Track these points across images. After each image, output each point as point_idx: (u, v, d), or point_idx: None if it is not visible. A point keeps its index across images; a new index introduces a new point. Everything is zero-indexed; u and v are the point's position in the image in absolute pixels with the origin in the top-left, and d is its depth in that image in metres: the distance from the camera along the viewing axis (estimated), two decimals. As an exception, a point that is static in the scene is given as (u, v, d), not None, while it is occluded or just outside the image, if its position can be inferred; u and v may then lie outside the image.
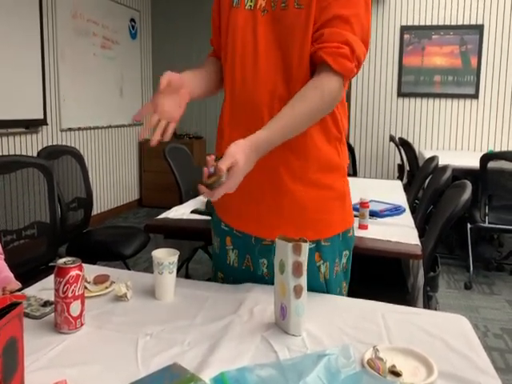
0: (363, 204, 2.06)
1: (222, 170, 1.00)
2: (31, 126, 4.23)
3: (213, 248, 1.46)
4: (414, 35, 5.48)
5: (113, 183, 5.65)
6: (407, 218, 2.29)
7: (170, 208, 2.42)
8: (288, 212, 1.26)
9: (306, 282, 1.05)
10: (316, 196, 1.26)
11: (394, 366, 0.90)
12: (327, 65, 1.13)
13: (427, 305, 1.90)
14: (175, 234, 2.20)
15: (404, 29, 5.50)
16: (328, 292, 1.31)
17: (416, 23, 5.47)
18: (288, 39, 1.18)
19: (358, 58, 1.15)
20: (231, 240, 1.35)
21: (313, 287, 1.23)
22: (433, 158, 3.27)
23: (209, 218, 1.57)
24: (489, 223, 3.58)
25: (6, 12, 3.86)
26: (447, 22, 5.38)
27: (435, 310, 2.01)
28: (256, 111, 1.21)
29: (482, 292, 3.47)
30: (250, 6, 1.22)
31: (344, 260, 1.34)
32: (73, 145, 4.76)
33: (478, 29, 5.29)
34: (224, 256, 1.38)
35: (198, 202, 2.53)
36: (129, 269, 2.88)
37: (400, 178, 4.89)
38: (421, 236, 2.05)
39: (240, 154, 1.03)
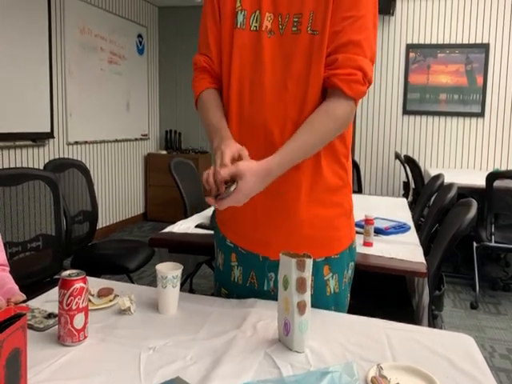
0: (368, 221, 2.06)
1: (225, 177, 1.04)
2: (38, 139, 4.27)
3: (215, 263, 1.45)
4: (419, 53, 5.51)
5: (118, 197, 5.67)
6: (412, 236, 2.28)
7: (174, 222, 2.42)
8: (298, 233, 1.26)
9: (310, 299, 1.05)
10: (326, 215, 1.27)
11: (398, 385, 0.89)
12: (341, 91, 1.15)
13: (432, 323, 1.88)
14: (180, 248, 2.20)
15: (410, 47, 5.54)
16: (337, 304, 1.32)
17: (422, 41, 5.51)
18: (300, 63, 1.17)
19: (370, 80, 1.18)
20: (236, 257, 1.35)
21: (320, 302, 1.24)
22: (438, 176, 3.26)
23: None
24: (495, 242, 3.56)
25: (16, 26, 3.92)
26: (453, 41, 5.42)
27: (440, 328, 2.00)
28: (267, 134, 1.21)
29: (489, 312, 3.44)
30: (256, 26, 1.21)
31: (350, 271, 1.36)
32: (79, 158, 4.79)
33: (484, 47, 5.32)
34: (228, 272, 1.37)
35: (203, 216, 2.53)
36: (133, 282, 2.88)
37: (405, 195, 4.88)
38: (426, 254, 2.04)
39: (251, 172, 1.06)
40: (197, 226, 2.31)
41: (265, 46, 1.20)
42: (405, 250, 2.01)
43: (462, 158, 5.53)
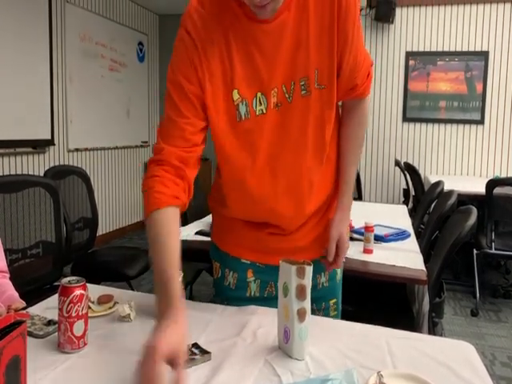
0: (368, 228, 2.06)
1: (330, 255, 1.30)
2: (39, 146, 4.27)
3: (221, 283, 1.38)
4: (419, 61, 5.53)
5: (118, 204, 5.67)
6: (412, 243, 2.28)
7: (174, 229, 2.41)
8: (323, 232, 1.33)
9: (310, 305, 1.05)
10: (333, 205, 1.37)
11: (398, 392, 0.89)
12: (362, 97, 1.27)
13: (432, 331, 1.88)
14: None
15: (409, 54, 5.55)
16: (340, 289, 1.44)
17: (421, 49, 5.53)
18: (314, 120, 1.17)
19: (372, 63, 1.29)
20: (253, 272, 1.34)
21: (333, 290, 1.40)
22: (438, 183, 3.27)
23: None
24: (495, 249, 3.55)
25: (16, 33, 3.94)
26: (452, 48, 5.44)
27: (441, 336, 1.99)
28: (297, 192, 1.23)
29: (489, 319, 3.43)
30: (262, 110, 1.13)
31: None
32: (79, 165, 4.80)
33: (483, 55, 5.34)
34: (243, 289, 1.35)
35: (203, 223, 2.53)
36: (133, 289, 2.87)
37: (405, 202, 4.88)
38: (426, 261, 2.04)
39: (335, 228, 1.29)
40: (197, 233, 2.31)
41: (275, 120, 1.15)
42: (405, 257, 2.01)
43: (461, 165, 5.53)
